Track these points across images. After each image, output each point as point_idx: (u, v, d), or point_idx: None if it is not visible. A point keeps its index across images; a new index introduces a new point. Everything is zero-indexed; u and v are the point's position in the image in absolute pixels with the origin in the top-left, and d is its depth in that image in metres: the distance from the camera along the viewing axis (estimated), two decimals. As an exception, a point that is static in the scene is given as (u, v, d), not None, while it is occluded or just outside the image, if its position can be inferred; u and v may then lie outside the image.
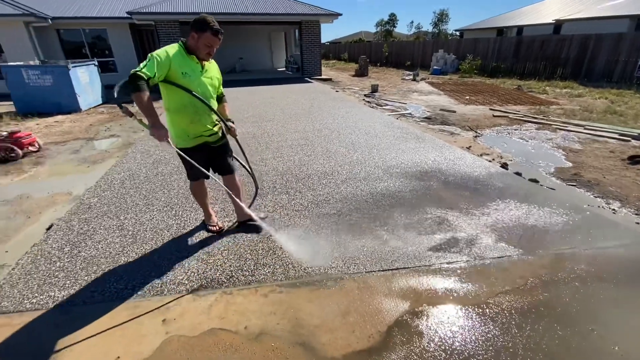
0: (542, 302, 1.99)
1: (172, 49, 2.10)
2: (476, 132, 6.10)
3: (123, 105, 2.04)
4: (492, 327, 1.83)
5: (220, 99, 2.46)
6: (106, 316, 1.93)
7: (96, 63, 9.60)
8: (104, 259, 2.45)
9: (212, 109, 2.24)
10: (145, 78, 1.91)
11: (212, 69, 2.34)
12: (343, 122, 6.45)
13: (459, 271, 2.28)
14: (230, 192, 2.51)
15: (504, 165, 4.31)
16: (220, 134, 2.45)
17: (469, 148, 5.08)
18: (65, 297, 2.08)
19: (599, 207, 3.24)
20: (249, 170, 2.73)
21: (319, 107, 7.98)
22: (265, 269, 2.32)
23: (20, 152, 4.91)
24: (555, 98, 9.32)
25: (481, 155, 4.75)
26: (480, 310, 1.95)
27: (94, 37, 13.38)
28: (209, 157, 2.47)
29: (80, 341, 1.77)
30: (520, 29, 20.45)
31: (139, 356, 1.69)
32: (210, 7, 12.64)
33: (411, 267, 2.33)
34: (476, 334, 1.79)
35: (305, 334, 1.81)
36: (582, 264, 2.32)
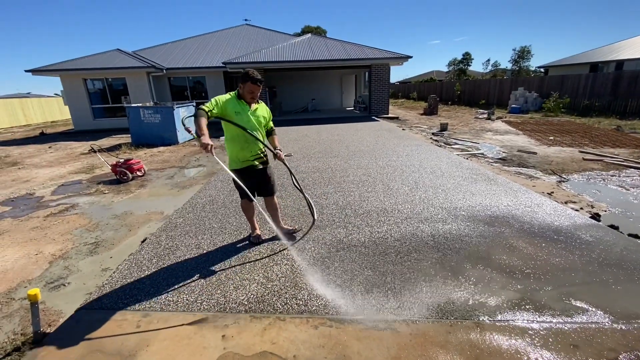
0: (641, 386, 1.65)
1: (229, 96, 2.81)
2: (561, 176, 5.47)
3: (185, 126, 2.86)
4: (569, 404, 1.57)
5: (270, 132, 3.13)
6: (178, 324, 2.19)
7: (194, 104, 11.37)
8: (181, 272, 2.80)
9: (257, 138, 2.84)
10: (206, 110, 2.63)
11: (261, 109, 2.97)
12: (407, 160, 6.41)
13: (530, 332, 2.03)
14: (268, 212, 3.21)
15: (595, 216, 3.76)
16: (264, 160, 3.04)
17: (550, 194, 4.57)
18: (147, 302, 2.42)
19: None
20: (308, 202, 3.28)
21: (383, 145, 8.08)
22: (318, 301, 2.38)
23: (130, 175, 5.98)
24: (669, 141, 7.89)
25: (566, 203, 4.23)
26: (556, 381, 1.69)
27: (195, 82, 15.99)
28: (256, 181, 3.04)
29: (155, 343, 2.03)
30: (619, 63, 18.19)
31: (200, 366, 1.86)
32: (289, 56, 14.15)
33: (473, 319, 2.15)
34: (548, 408, 1.55)
35: (352, 373, 1.78)
36: (701, 346, 1.86)
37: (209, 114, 2.64)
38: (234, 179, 2.82)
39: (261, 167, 3.03)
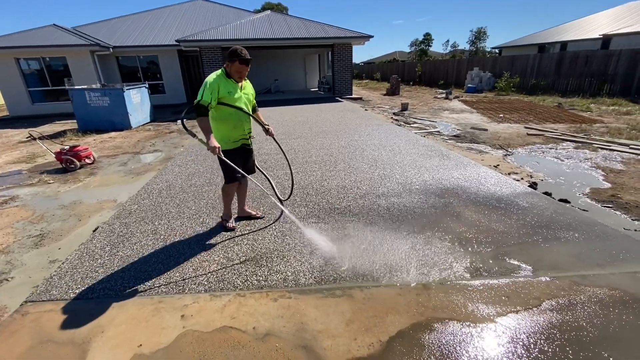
0: (556, 325, 1.91)
1: (218, 77, 2.65)
2: (507, 150, 5.91)
3: (188, 129, 2.75)
4: (498, 347, 1.80)
5: (254, 109, 3.05)
6: (134, 308, 2.16)
7: (147, 86, 10.66)
8: (137, 258, 2.73)
9: (250, 115, 2.86)
10: (205, 105, 2.57)
11: (247, 86, 2.93)
12: (368, 140, 6.56)
13: (469, 288, 2.25)
14: (240, 192, 3.24)
15: (533, 185, 4.15)
16: (251, 138, 3.02)
17: (496, 167, 4.94)
18: (102, 290, 2.36)
19: (635, 230, 3.02)
20: (291, 179, 3.63)
21: (346, 125, 8.18)
22: (277, 276, 2.45)
23: (78, 163, 5.57)
24: (599, 116, 8.75)
25: (509, 174, 4.60)
26: (488, 329, 1.92)
27: (147, 62, 14.89)
28: (244, 161, 3.00)
29: (111, 328, 2.00)
30: (563, 44, 19.55)
31: (158, 345, 1.88)
32: (249, 33, 13.58)
33: (420, 282, 2.34)
34: (481, 353, 1.77)
35: (308, 338, 1.89)
36: (606, 288, 2.19)
37: (208, 107, 2.58)
38: (225, 163, 2.70)
39: (250, 147, 3.05)
